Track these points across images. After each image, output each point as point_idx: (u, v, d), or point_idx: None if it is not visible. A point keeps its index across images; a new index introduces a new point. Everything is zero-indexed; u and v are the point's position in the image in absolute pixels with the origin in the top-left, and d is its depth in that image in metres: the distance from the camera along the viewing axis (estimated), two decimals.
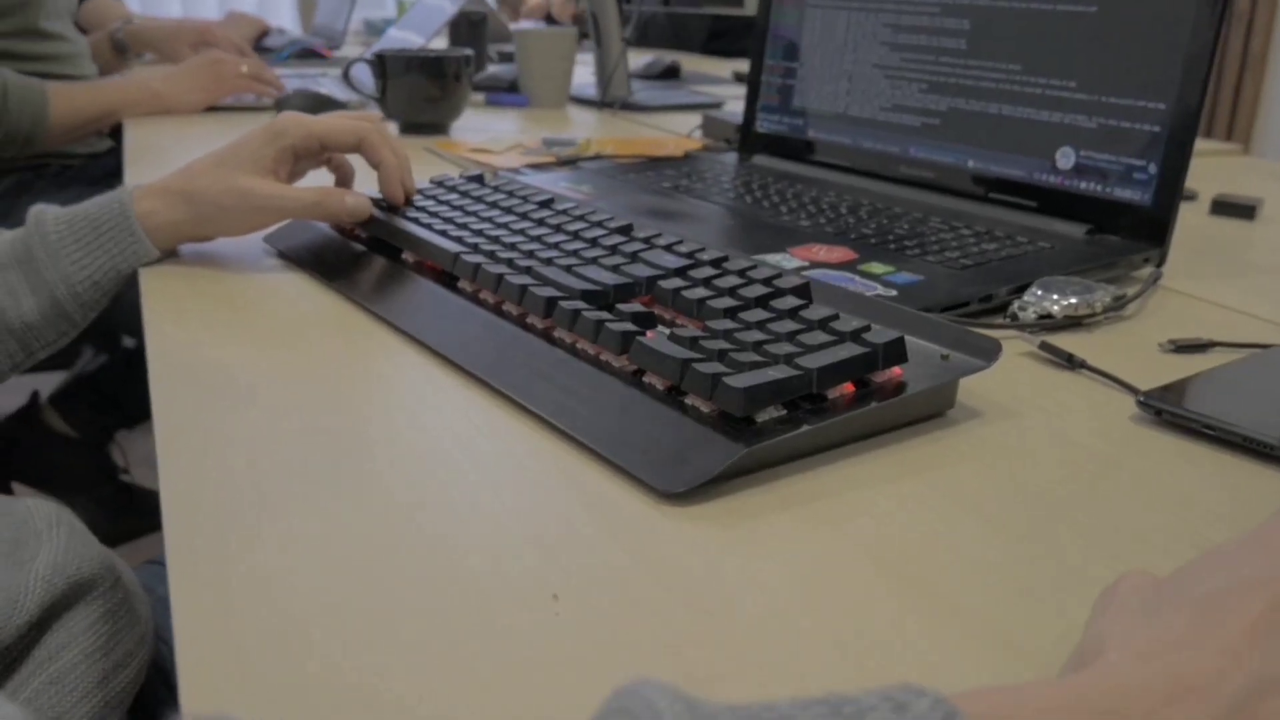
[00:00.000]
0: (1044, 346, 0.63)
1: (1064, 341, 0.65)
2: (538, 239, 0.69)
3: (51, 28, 1.66)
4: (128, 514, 1.78)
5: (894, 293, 0.68)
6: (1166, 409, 0.54)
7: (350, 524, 0.43)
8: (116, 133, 1.57)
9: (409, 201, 0.79)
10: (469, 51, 1.33)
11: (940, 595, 0.39)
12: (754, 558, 0.41)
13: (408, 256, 0.72)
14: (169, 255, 0.77)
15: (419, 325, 0.63)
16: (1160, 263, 0.80)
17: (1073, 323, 0.68)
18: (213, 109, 1.53)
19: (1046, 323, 0.68)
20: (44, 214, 0.72)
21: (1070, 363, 0.62)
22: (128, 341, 1.82)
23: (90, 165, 1.69)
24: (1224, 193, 1.08)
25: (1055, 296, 0.69)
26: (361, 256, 0.75)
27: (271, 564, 0.40)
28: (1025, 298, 0.69)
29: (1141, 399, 0.55)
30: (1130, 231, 0.81)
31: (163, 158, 1.20)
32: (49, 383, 1.86)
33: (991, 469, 0.49)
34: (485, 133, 1.36)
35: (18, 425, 1.80)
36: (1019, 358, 0.64)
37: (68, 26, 1.73)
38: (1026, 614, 0.38)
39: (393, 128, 1.37)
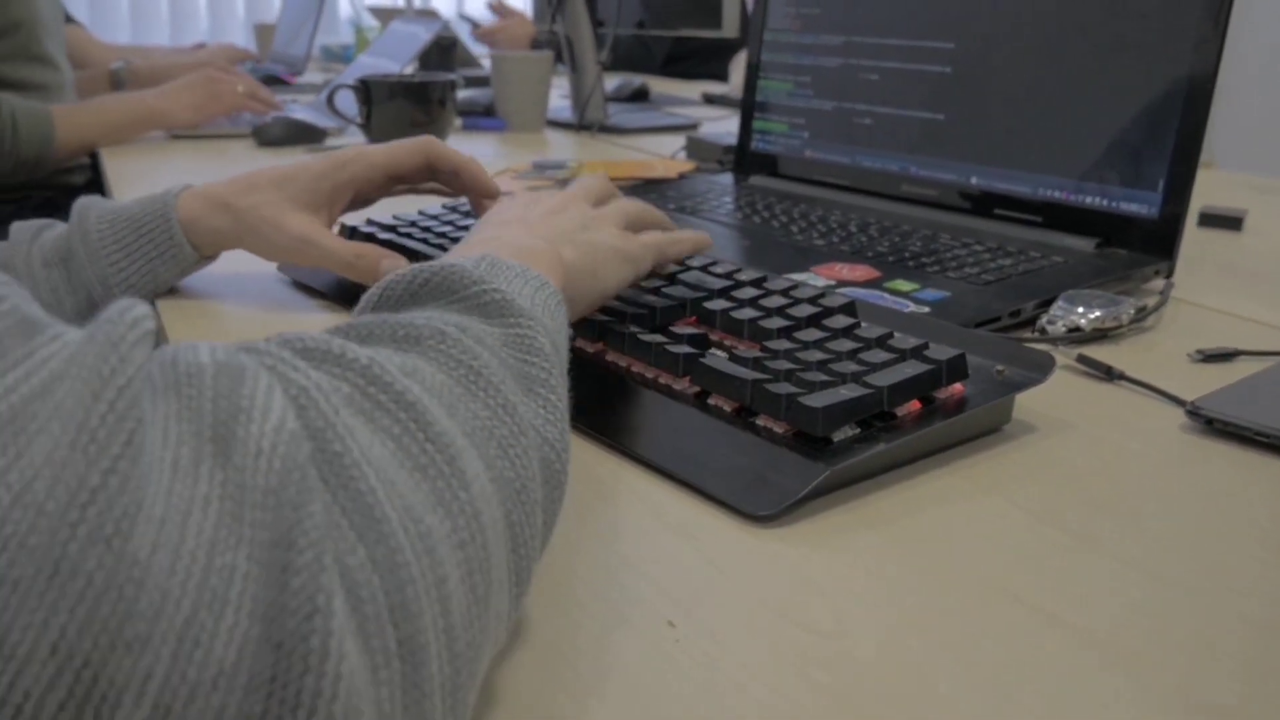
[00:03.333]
0: (1081, 359, 0.64)
1: (1094, 353, 0.65)
2: None
3: (49, 52, 1.62)
4: None
5: (926, 309, 0.68)
6: (1218, 417, 0.55)
7: None
8: (94, 165, 1.54)
9: (413, 224, 0.78)
10: (453, 76, 1.32)
11: (1040, 607, 0.39)
12: (855, 578, 0.41)
13: None
14: (209, 260, 0.74)
15: None
16: (1169, 274, 0.81)
17: (1100, 335, 0.69)
18: (183, 137, 1.51)
19: (1075, 335, 0.68)
20: (89, 209, 0.69)
21: (1109, 375, 0.63)
22: None
23: (73, 197, 1.66)
24: (1209, 205, 1.10)
25: (1081, 309, 0.70)
26: None
27: None
28: (1053, 311, 0.70)
29: (1191, 408, 0.56)
30: (1139, 244, 0.82)
31: (151, 182, 1.18)
32: None
33: (1061, 482, 0.49)
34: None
35: None
36: (1057, 371, 0.64)
37: (61, 54, 1.70)
38: (1128, 619, 0.38)
39: None
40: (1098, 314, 0.69)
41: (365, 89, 1.28)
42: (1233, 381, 0.60)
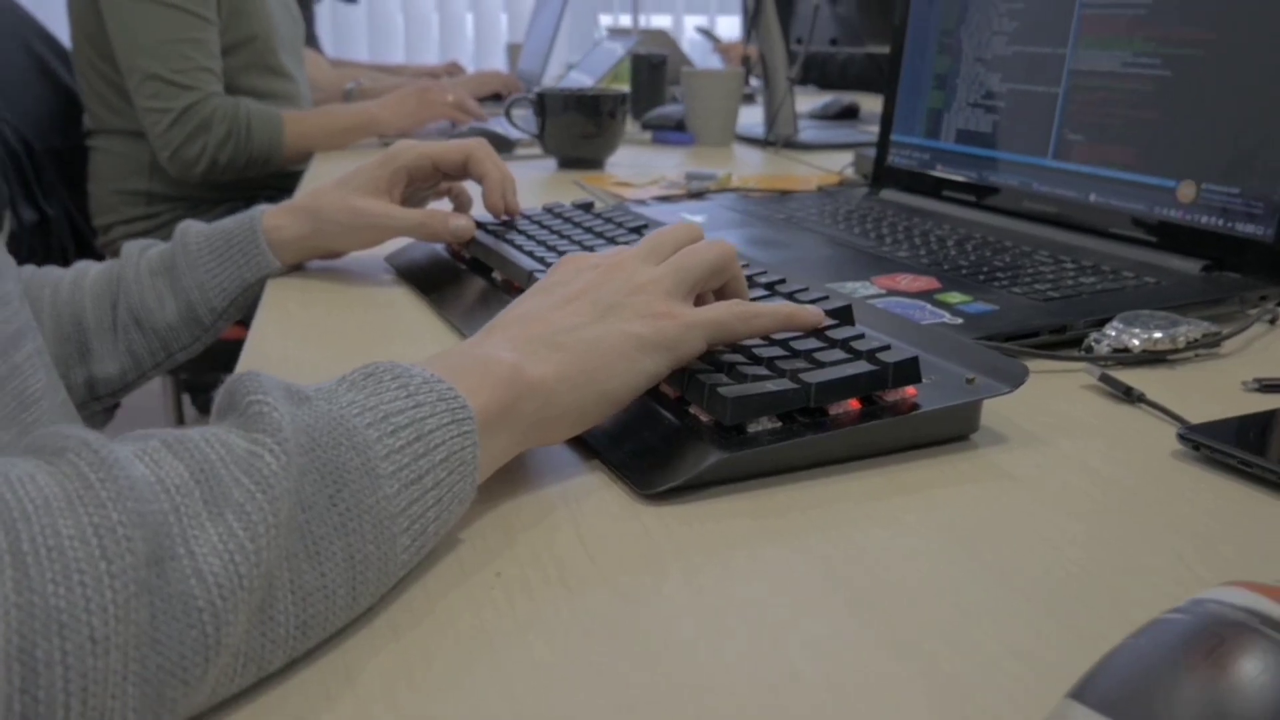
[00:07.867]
0: (1104, 379, 0.61)
1: (1141, 376, 0.62)
2: None
3: (285, 65, 1.82)
4: None
5: (960, 321, 0.67)
6: (1205, 444, 0.52)
7: None
8: None
9: (510, 220, 0.84)
10: (625, 90, 1.38)
11: (888, 617, 0.39)
12: (703, 558, 0.42)
13: (497, 275, 0.76)
14: (296, 268, 0.85)
15: None
16: None
17: (1154, 358, 0.66)
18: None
19: (1122, 356, 0.65)
20: (189, 229, 0.81)
21: (1128, 395, 0.60)
22: None
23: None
24: None
25: (1136, 330, 0.66)
26: (461, 275, 0.80)
27: None
28: (1104, 330, 0.67)
29: (1182, 433, 0.53)
30: (1251, 268, 0.77)
31: None
32: None
33: (992, 494, 0.48)
34: (641, 168, 1.41)
35: None
36: (1080, 390, 0.62)
37: (298, 66, 1.89)
38: (976, 648, 0.37)
39: (551, 163, 1.44)
40: (1155, 335, 0.66)
41: (541, 102, 1.36)
42: None
